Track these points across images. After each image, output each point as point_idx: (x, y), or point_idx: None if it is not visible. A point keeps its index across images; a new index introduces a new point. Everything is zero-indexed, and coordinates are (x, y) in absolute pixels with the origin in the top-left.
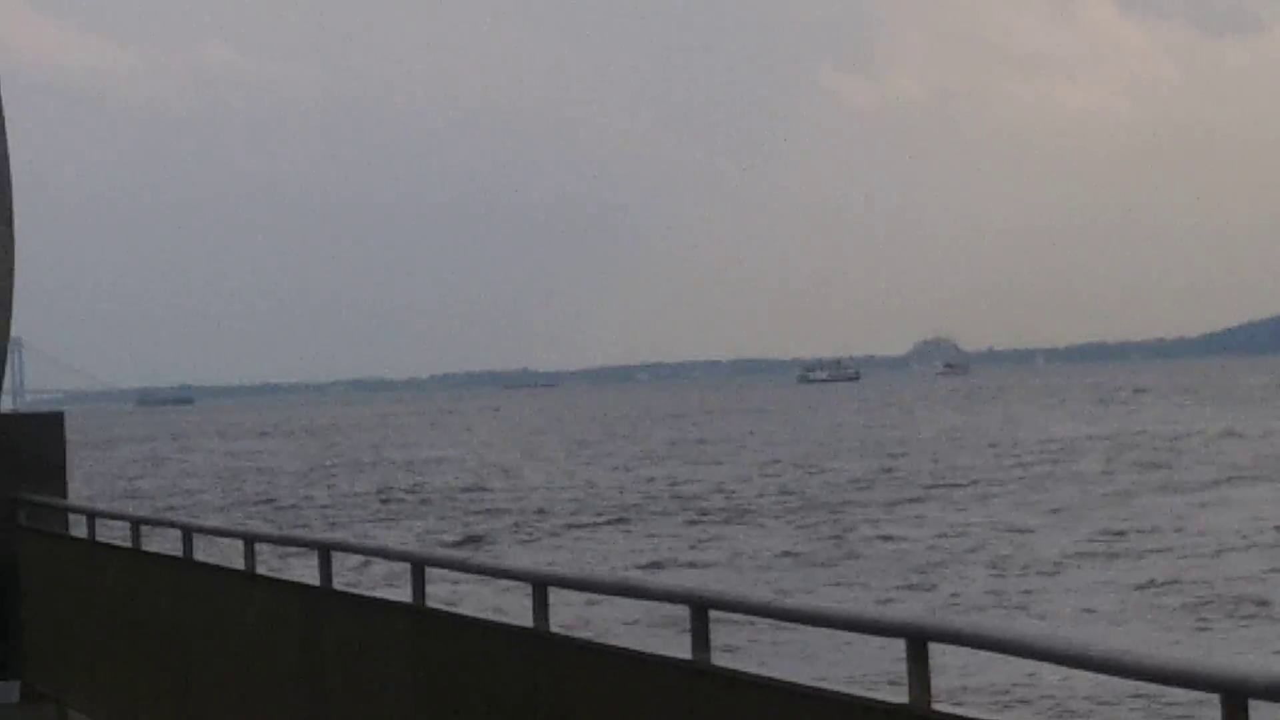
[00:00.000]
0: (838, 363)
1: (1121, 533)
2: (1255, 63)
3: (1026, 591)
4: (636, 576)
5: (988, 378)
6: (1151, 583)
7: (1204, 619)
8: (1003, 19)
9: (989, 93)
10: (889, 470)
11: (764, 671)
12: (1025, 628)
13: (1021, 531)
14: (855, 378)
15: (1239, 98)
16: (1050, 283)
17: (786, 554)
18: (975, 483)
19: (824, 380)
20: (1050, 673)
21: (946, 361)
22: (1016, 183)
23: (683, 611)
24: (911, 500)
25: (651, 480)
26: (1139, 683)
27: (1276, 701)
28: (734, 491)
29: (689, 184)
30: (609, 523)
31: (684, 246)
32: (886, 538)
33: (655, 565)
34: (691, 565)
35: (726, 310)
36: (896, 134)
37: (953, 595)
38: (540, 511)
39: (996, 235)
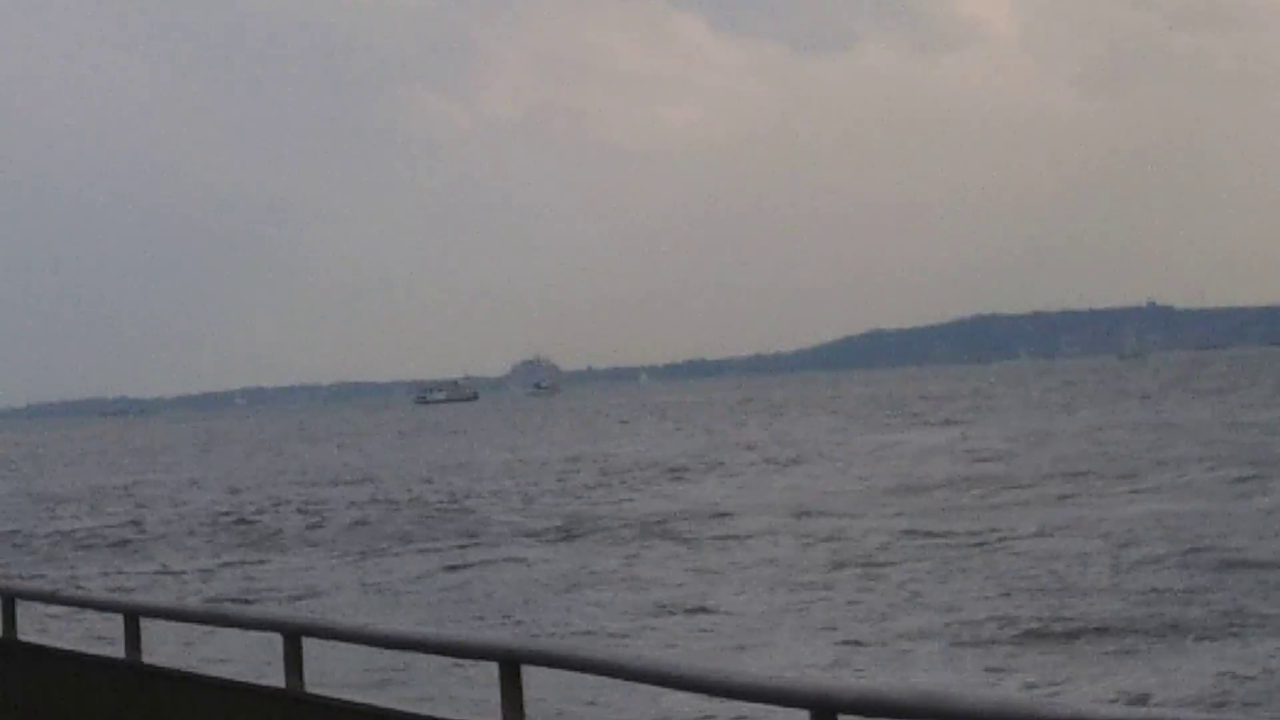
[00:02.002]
0: (455, 383)
1: None
2: (845, 78)
3: None
4: (229, 606)
5: (578, 397)
6: None
7: None
8: (599, 40)
9: (587, 112)
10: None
11: (357, 697)
12: (618, 649)
13: None
14: (474, 398)
15: (830, 112)
16: (652, 300)
17: None
18: None
19: (442, 401)
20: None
21: (535, 382)
22: (617, 201)
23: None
24: None
25: None
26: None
27: (862, 715)
28: None
29: (288, 207)
30: None
31: (285, 269)
32: None
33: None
34: None
35: (326, 332)
36: (495, 154)
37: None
38: None
39: (598, 253)
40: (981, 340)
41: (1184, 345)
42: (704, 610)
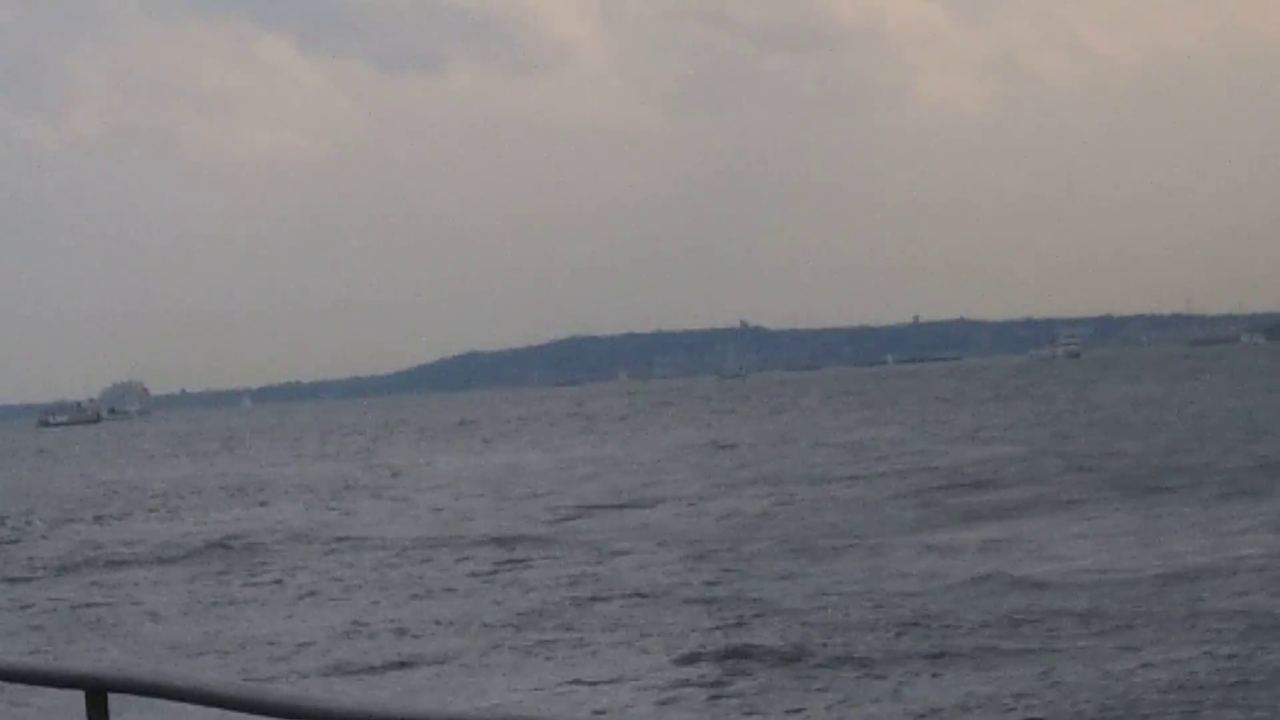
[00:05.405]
0: (78, 406)
1: None
2: (436, 99)
3: None
4: None
5: (168, 423)
6: None
7: None
8: (185, 61)
9: (175, 133)
10: None
11: None
12: (209, 676)
13: None
14: (96, 420)
15: (421, 133)
16: (248, 323)
17: None
18: None
19: (65, 424)
20: None
21: (110, 407)
22: (208, 223)
23: None
24: None
25: None
26: None
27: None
28: None
29: None
30: None
31: None
32: None
33: None
34: None
35: None
36: (82, 175)
37: None
38: None
39: (192, 275)
40: (577, 362)
41: (777, 366)
42: None
